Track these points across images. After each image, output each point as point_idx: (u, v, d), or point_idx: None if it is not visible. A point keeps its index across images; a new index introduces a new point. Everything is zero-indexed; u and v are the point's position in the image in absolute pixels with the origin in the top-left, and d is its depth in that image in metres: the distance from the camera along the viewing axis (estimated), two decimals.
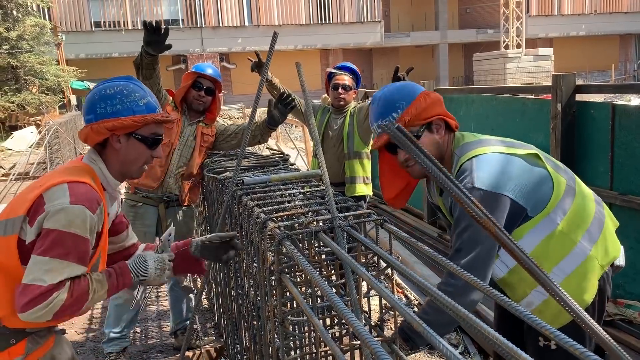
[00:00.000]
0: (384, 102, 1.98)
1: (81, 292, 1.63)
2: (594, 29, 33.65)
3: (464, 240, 1.82)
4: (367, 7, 30.29)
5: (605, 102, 3.62)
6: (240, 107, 23.42)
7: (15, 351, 1.68)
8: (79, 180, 1.68)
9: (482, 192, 1.80)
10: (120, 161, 1.82)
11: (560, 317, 1.87)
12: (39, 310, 1.56)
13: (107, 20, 26.99)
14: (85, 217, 1.62)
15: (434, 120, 1.95)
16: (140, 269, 1.80)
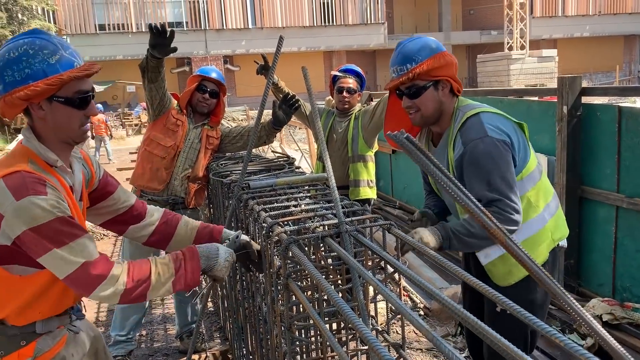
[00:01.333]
0: (405, 51, 2.12)
1: (142, 275, 1.61)
2: (598, 30, 33.55)
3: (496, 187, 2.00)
4: (371, 8, 30.28)
5: (612, 105, 3.60)
6: (244, 109, 23.45)
7: (24, 353, 1.65)
8: (10, 171, 1.53)
9: (494, 139, 2.00)
10: (52, 129, 1.62)
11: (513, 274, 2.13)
12: (103, 288, 1.55)
13: (111, 23, 27.05)
14: (38, 204, 1.49)
15: (441, 79, 2.12)
16: (211, 254, 1.74)
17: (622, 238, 3.57)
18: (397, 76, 2.13)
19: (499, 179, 2.00)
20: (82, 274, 1.54)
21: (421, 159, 0.82)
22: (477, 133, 2.02)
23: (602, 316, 3.37)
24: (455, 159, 2.09)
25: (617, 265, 3.63)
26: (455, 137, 2.10)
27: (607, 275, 3.71)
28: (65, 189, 1.64)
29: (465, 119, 2.09)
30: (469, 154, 2.03)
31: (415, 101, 2.13)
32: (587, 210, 3.82)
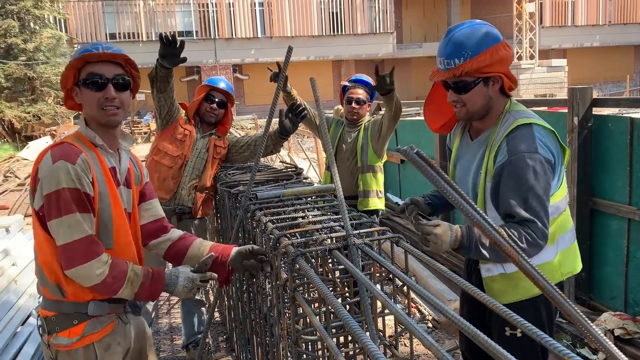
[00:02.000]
0: (455, 42, 1.97)
1: (120, 272, 1.77)
2: (608, 40, 33.41)
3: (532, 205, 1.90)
4: (380, 18, 30.37)
5: (624, 116, 3.56)
6: (253, 117, 23.51)
7: (74, 331, 1.82)
8: (58, 143, 1.81)
9: (542, 157, 1.90)
10: (86, 112, 1.86)
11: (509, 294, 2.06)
12: (91, 267, 1.72)
13: (122, 32, 27.31)
14: (66, 168, 1.70)
15: (492, 76, 1.98)
16: (171, 281, 1.87)
17: (635, 251, 3.51)
18: (444, 69, 1.99)
19: (537, 199, 1.89)
20: (81, 246, 1.71)
21: (431, 175, 0.80)
22: (527, 147, 1.90)
23: (614, 330, 3.31)
24: (496, 165, 1.97)
25: (629, 278, 3.57)
26: (501, 142, 1.97)
27: (619, 288, 3.65)
28: (103, 165, 1.83)
29: (516, 126, 1.96)
30: (513, 165, 1.91)
31: (462, 96, 2.01)
32: (599, 223, 3.77)
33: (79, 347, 1.83)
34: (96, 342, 1.85)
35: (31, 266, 4.79)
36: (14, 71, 20.17)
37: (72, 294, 1.80)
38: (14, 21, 20.53)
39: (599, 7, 33.27)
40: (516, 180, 1.90)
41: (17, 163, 15.96)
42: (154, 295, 1.90)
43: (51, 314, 1.84)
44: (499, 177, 1.95)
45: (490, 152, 2.01)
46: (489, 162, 2.01)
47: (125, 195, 1.93)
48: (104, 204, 1.81)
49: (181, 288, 1.87)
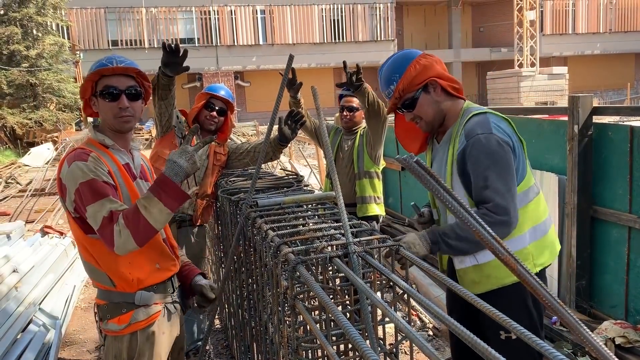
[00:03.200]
0: (384, 77, 2.25)
1: (132, 212, 1.87)
2: (609, 48, 33.52)
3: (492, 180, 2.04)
4: (381, 26, 30.50)
5: (624, 124, 3.57)
6: (254, 124, 23.56)
7: (123, 319, 2.00)
8: (72, 150, 2.00)
9: (497, 137, 2.04)
10: (102, 119, 2.05)
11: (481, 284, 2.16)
12: (118, 240, 1.84)
13: (124, 39, 27.43)
14: (79, 167, 1.89)
15: (428, 82, 2.17)
16: (174, 170, 1.93)
17: (635, 259, 3.51)
18: (389, 99, 2.26)
19: (496, 175, 2.02)
20: (105, 228, 1.85)
21: (429, 182, 0.81)
22: (482, 129, 2.06)
23: (615, 339, 3.30)
24: (457, 152, 2.11)
25: (629, 286, 3.57)
26: (460, 133, 2.13)
27: (619, 297, 3.65)
28: (116, 162, 2.01)
29: (471, 116, 2.13)
30: (470, 147, 2.05)
31: (414, 112, 2.21)
32: (599, 231, 3.77)
33: (125, 334, 2.01)
34: (140, 330, 2.02)
35: (32, 273, 4.80)
36: (16, 78, 20.28)
37: (120, 285, 1.99)
38: (16, 28, 20.65)
39: (600, 15, 33.40)
40: (475, 161, 2.05)
41: (18, 169, 15.99)
42: (178, 194, 1.92)
43: (103, 303, 2.03)
44: (462, 163, 2.10)
45: (452, 145, 2.17)
46: (453, 154, 2.15)
47: (144, 187, 2.10)
48: (124, 196, 1.98)
49: (184, 165, 1.93)
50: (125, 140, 2.10)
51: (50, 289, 4.89)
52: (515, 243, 2.15)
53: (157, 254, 2.09)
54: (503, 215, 2.01)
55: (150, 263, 2.05)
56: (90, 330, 4.53)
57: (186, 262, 2.32)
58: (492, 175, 2.02)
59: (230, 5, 28.44)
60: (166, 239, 2.17)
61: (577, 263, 3.80)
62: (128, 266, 1.99)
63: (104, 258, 1.97)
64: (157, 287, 2.07)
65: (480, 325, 2.22)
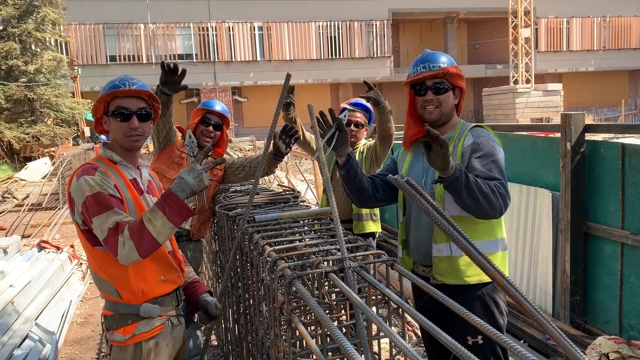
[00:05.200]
0: (436, 55, 2.39)
1: (137, 224, 1.93)
2: (603, 65, 33.87)
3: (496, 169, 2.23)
4: (377, 42, 30.79)
5: (615, 142, 3.63)
6: (252, 139, 23.63)
7: (128, 330, 2.07)
8: (81, 166, 2.09)
9: (496, 145, 2.29)
10: (112, 138, 2.13)
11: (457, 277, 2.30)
12: (122, 251, 1.90)
13: (122, 54, 27.59)
14: (86, 180, 1.97)
15: (458, 88, 2.41)
16: (180, 186, 1.99)
17: (628, 275, 3.55)
18: (429, 70, 2.35)
19: (499, 169, 2.23)
20: (110, 239, 1.92)
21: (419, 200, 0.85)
22: (486, 135, 2.32)
23: (609, 354, 3.32)
24: (466, 145, 2.31)
25: (623, 302, 3.60)
26: (465, 136, 2.34)
27: (613, 312, 3.68)
28: (123, 177, 2.10)
29: (474, 126, 2.39)
30: (477, 143, 2.28)
31: (439, 97, 2.36)
32: (592, 247, 3.81)
33: (130, 344, 2.07)
34: (144, 341, 2.09)
35: (28, 288, 4.80)
36: (14, 92, 20.36)
37: (126, 296, 2.05)
38: (15, 44, 20.77)
39: (594, 33, 33.80)
40: (483, 154, 2.25)
41: (15, 184, 15.98)
42: (183, 210, 1.96)
43: (110, 313, 2.09)
44: (468, 155, 2.28)
45: (455, 145, 2.34)
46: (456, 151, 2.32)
47: (151, 202, 2.18)
48: (130, 210, 2.05)
49: (191, 182, 1.99)
50: (134, 157, 2.19)
51: (46, 304, 4.89)
52: (490, 245, 2.33)
53: (163, 265, 2.15)
54: (506, 196, 2.19)
55: (155, 274, 2.12)
56: (85, 344, 4.52)
57: (195, 279, 2.38)
58: (495, 168, 2.23)
59: (228, 22, 28.69)
60: (172, 251, 2.23)
61: (571, 279, 3.83)
62: (133, 277, 2.05)
63: (111, 270, 2.04)
64: (162, 299, 2.13)
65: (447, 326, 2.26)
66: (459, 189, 2.11)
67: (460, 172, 2.09)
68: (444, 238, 2.33)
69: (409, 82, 2.44)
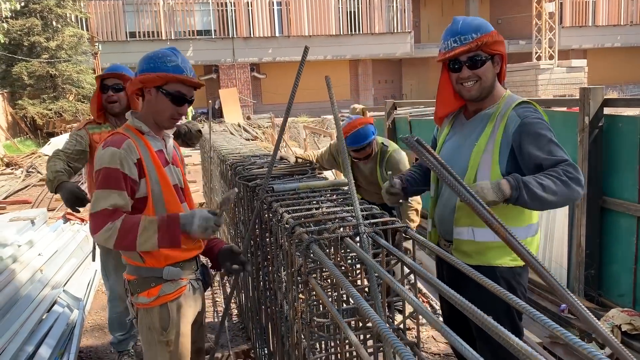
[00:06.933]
0: (467, 24, 2.19)
1: (132, 224, 2.01)
2: (630, 40, 33.00)
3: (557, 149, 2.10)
4: (397, 17, 30.36)
5: (634, 116, 3.61)
6: (270, 116, 23.69)
7: (152, 292, 2.16)
8: (111, 133, 2.18)
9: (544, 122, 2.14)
10: (152, 111, 2.17)
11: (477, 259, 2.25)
12: (103, 234, 2.00)
13: (142, 31, 27.68)
14: (111, 151, 2.05)
15: (497, 55, 2.22)
16: (187, 221, 2.09)
17: None
18: (461, 44, 2.17)
19: (558, 147, 2.09)
20: (99, 217, 2.01)
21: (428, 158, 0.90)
22: (534, 114, 2.16)
23: (622, 326, 3.37)
24: (512, 132, 2.15)
25: (637, 275, 3.63)
26: (509, 114, 2.18)
27: (627, 285, 3.71)
28: (150, 149, 2.16)
29: (520, 102, 2.22)
30: (527, 125, 2.12)
31: (477, 71, 2.19)
32: (609, 221, 3.83)
33: (155, 306, 2.17)
34: (170, 302, 2.18)
35: (55, 257, 4.98)
36: (36, 69, 20.58)
37: (149, 261, 2.15)
38: (37, 20, 20.94)
39: (621, 7, 32.87)
40: (535, 137, 2.10)
41: (39, 159, 16.31)
42: (174, 240, 2.06)
43: (133, 278, 2.19)
44: (519, 141, 2.13)
45: (497, 123, 2.20)
46: (497, 131, 2.19)
47: (175, 172, 2.27)
48: (152, 181, 2.14)
49: (196, 227, 2.07)
50: (161, 129, 2.26)
51: (72, 272, 5.07)
52: (533, 229, 2.27)
53: (184, 238, 2.16)
54: (579, 173, 2.05)
55: None
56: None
57: (214, 237, 2.40)
58: (555, 147, 2.09)
59: None
60: None
61: (586, 252, 3.86)
62: None
63: None
64: (183, 264, 2.22)
65: None
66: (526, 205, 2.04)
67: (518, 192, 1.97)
68: (466, 222, 2.28)
69: (441, 60, 2.27)
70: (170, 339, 2.21)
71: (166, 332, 2.20)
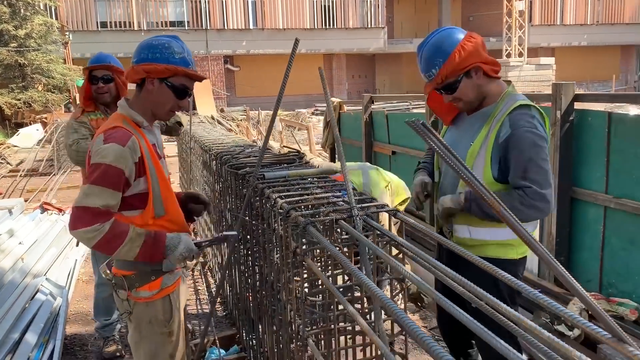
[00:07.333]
0: (425, 60, 2.29)
1: (120, 232, 1.98)
2: (595, 40, 33.90)
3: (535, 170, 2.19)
4: (371, 13, 30.54)
5: (602, 111, 3.81)
6: (244, 109, 23.61)
7: (153, 286, 2.17)
8: (111, 126, 2.07)
9: (539, 133, 2.19)
10: (151, 101, 2.13)
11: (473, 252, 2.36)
12: (87, 232, 1.93)
13: (113, 21, 27.22)
14: (116, 149, 1.96)
15: (470, 68, 2.23)
16: (172, 244, 2.10)
17: (610, 237, 3.77)
18: (429, 81, 2.31)
19: (535, 167, 2.17)
20: (87, 213, 1.93)
21: (435, 143, 1.01)
22: (528, 123, 2.19)
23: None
24: (501, 140, 2.23)
25: (604, 262, 3.84)
26: (504, 119, 2.23)
27: (594, 272, 3.92)
28: (148, 144, 2.12)
29: (518, 105, 2.23)
30: (515, 137, 2.18)
31: (455, 95, 2.29)
32: (578, 211, 4.03)
33: (158, 299, 2.18)
34: (171, 294, 2.22)
35: (36, 246, 4.97)
36: (4, 57, 20.11)
37: None
38: (5, 7, 20.43)
39: (587, 7, 33.72)
40: (519, 152, 2.19)
41: (7, 150, 15.98)
42: (154, 257, 2.07)
43: (130, 273, 2.14)
44: (505, 151, 2.23)
45: (492, 127, 2.28)
46: (490, 136, 2.28)
47: (164, 167, 2.25)
48: (153, 178, 2.10)
49: (178, 254, 2.10)
50: (154, 120, 2.26)
51: (53, 261, 5.06)
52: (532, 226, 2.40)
53: (179, 228, 2.24)
54: (539, 201, 2.17)
55: None
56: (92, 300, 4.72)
57: None
58: (533, 167, 2.17)
59: None
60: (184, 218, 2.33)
61: (556, 240, 4.06)
62: None
63: None
64: None
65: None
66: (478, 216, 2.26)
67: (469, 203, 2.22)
68: (462, 220, 2.39)
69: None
70: (172, 329, 2.25)
71: (169, 324, 2.23)
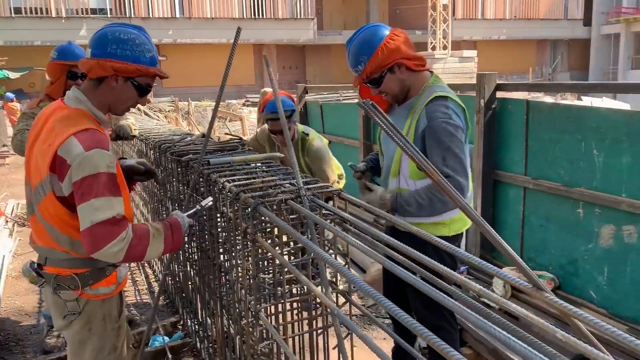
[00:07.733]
0: (352, 56, 2.45)
1: (143, 232, 1.94)
2: (513, 34, 35.70)
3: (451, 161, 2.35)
4: (300, 3, 30.63)
5: (521, 99, 4.13)
6: (172, 100, 23.11)
7: (110, 280, 2.11)
8: (81, 128, 1.88)
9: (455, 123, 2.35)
10: (113, 99, 2.02)
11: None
12: (116, 244, 1.83)
13: (28, 7, 25.75)
14: (104, 155, 1.86)
15: (393, 64, 2.39)
16: (183, 226, 2.12)
17: (529, 215, 4.11)
18: (357, 76, 2.47)
19: (453, 156, 2.34)
20: (104, 229, 1.82)
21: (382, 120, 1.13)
22: (443, 114, 2.34)
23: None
24: (419, 132, 2.39)
25: (524, 239, 4.17)
26: (422, 111, 2.39)
27: (516, 248, 4.24)
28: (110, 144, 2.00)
29: (434, 97, 2.38)
30: (432, 129, 2.34)
31: (380, 88, 2.47)
32: (500, 192, 4.35)
33: (115, 294, 2.15)
34: (123, 288, 2.20)
35: None
36: None
37: None
38: None
39: (506, 2, 35.43)
40: (436, 142, 2.36)
41: None
42: (178, 245, 2.08)
43: (83, 271, 2.03)
44: (423, 142, 2.39)
45: (413, 119, 2.45)
46: (411, 126, 2.46)
47: None
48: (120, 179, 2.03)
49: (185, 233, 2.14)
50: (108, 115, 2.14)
51: None
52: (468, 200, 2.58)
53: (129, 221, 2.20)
54: (459, 190, 2.25)
55: None
56: (25, 295, 4.59)
57: None
58: (450, 156, 2.33)
59: None
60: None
61: None
62: None
63: None
64: None
65: None
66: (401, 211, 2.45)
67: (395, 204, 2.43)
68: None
69: None
70: (122, 323, 2.22)
71: (119, 318, 2.19)
